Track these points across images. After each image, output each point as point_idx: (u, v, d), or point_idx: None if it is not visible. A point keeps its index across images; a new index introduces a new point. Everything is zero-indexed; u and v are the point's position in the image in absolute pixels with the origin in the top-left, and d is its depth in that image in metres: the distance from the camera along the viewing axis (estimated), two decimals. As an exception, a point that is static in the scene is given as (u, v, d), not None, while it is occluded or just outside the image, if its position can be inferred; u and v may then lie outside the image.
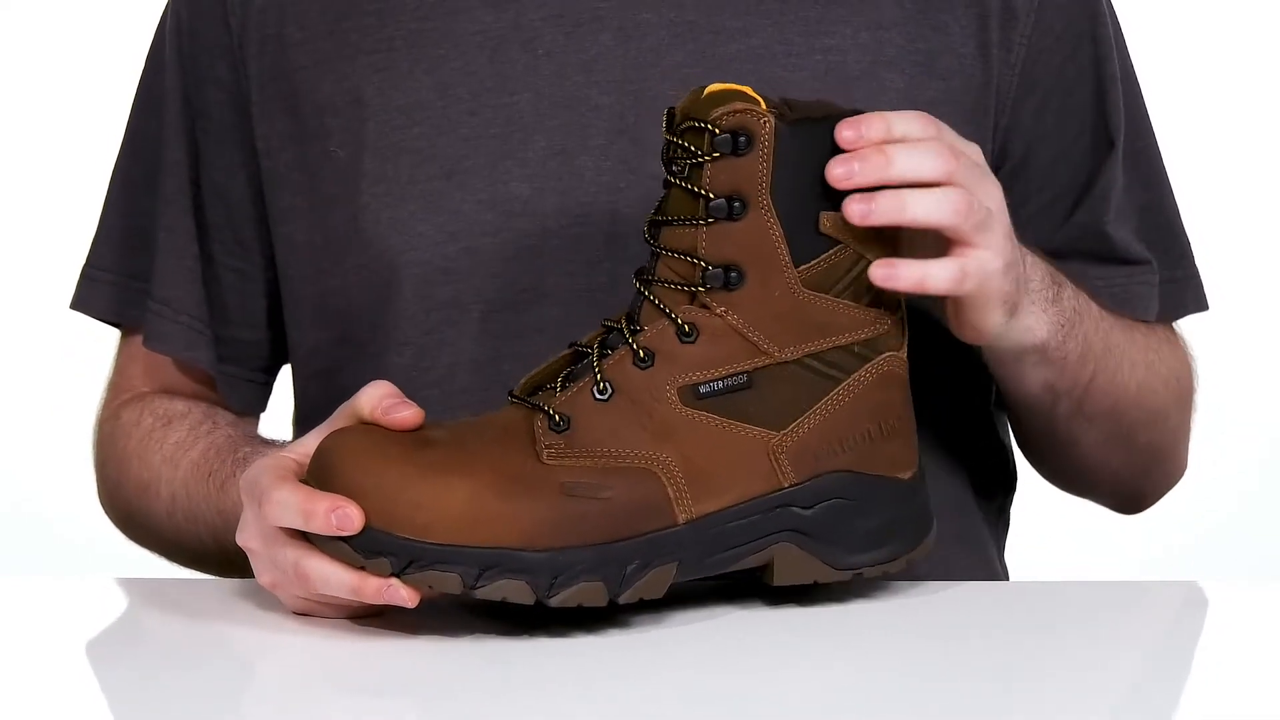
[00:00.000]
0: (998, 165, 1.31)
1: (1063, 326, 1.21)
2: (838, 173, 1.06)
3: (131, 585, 1.21)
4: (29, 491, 2.74)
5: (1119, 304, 1.33)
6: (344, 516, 1.02)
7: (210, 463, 1.29)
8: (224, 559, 1.27)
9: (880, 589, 1.13)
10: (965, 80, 1.29)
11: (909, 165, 1.07)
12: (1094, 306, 1.26)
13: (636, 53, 1.27)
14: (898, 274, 1.07)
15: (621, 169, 1.26)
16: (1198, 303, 1.39)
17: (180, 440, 1.32)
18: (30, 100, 2.77)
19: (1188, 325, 1.40)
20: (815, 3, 1.28)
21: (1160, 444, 1.36)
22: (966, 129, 1.28)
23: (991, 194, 1.11)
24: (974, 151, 1.12)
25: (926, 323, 1.20)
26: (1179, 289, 1.37)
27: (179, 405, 1.36)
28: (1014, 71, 1.30)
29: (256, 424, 1.40)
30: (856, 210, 1.06)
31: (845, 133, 1.06)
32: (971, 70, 1.29)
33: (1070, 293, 1.22)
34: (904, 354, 1.11)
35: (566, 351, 1.09)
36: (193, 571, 1.35)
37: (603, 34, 1.27)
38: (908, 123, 1.08)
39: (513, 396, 1.08)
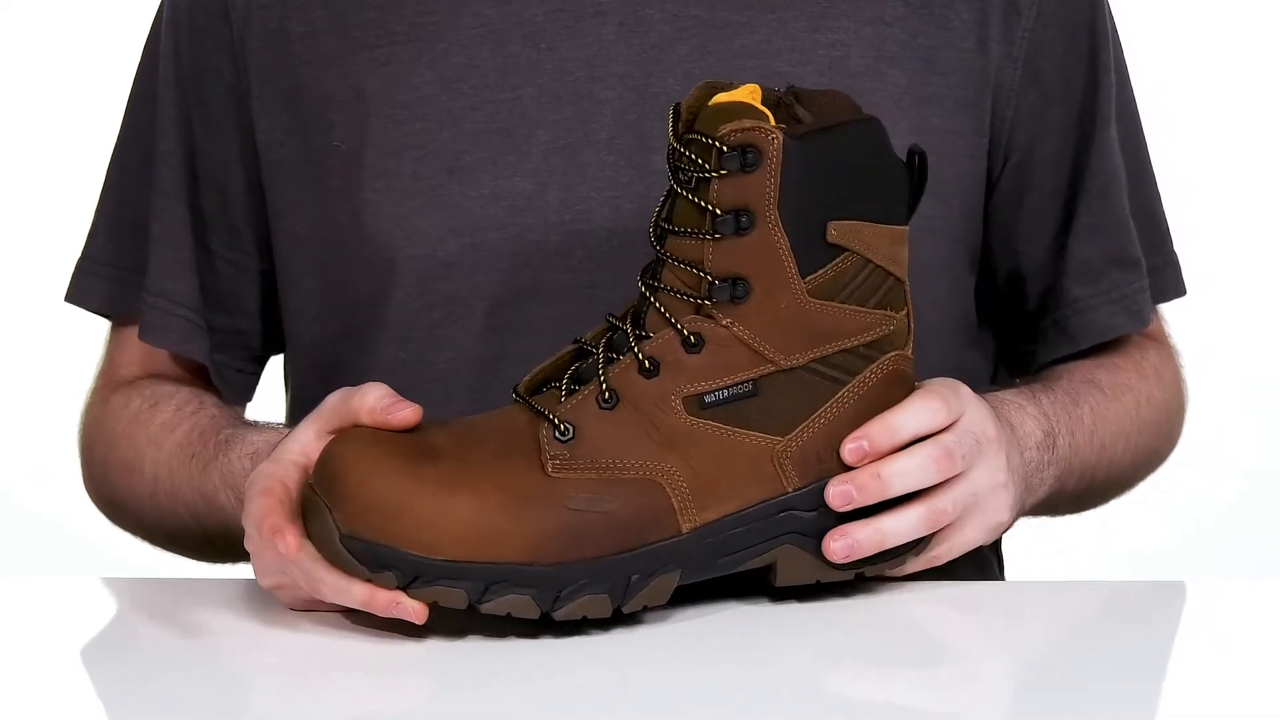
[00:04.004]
0: (1005, 159, 1.31)
1: (1060, 473, 1.25)
2: (837, 502, 1.08)
3: (129, 585, 1.21)
4: (26, 491, 2.74)
5: (1130, 316, 1.34)
6: (284, 546, 1.05)
7: (194, 444, 1.28)
8: (203, 539, 1.27)
9: (878, 588, 1.13)
10: (964, 75, 1.29)
11: (907, 485, 1.09)
12: (1085, 413, 1.28)
13: (639, 48, 1.27)
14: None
15: (625, 164, 1.26)
16: (1176, 288, 1.39)
17: (166, 421, 1.31)
18: (25, 94, 2.77)
19: (1182, 320, 1.41)
20: None
21: (1150, 470, 1.39)
22: (965, 124, 1.29)
23: (989, 464, 1.12)
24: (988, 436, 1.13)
25: (923, 316, 1.19)
26: (1160, 276, 1.38)
27: (167, 387, 1.35)
28: (1016, 65, 1.30)
29: (242, 411, 1.39)
30: (839, 548, 1.08)
31: (850, 446, 1.08)
32: (971, 65, 1.29)
33: (1065, 439, 1.25)
34: (910, 351, 1.11)
35: (571, 347, 1.09)
36: (176, 566, 1.35)
37: (605, 28, 1.27)
38: (918, 417, 1.10)
39: (517, 394, 1.08)
